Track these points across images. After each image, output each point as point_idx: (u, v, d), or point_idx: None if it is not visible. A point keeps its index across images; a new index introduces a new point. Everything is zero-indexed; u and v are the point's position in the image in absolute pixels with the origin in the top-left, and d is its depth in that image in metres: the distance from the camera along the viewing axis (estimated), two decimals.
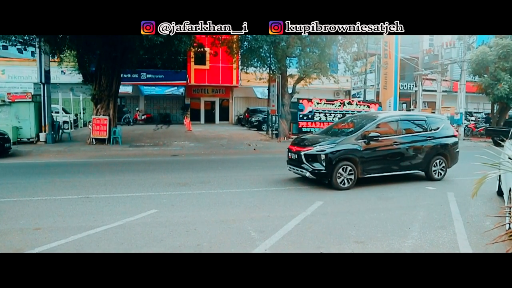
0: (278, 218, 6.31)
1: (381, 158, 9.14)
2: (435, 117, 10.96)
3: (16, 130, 17.66)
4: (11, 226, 5.74)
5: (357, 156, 8.74)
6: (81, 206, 7.08)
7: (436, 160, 9.86)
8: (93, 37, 16.17)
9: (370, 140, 8.87)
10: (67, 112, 26.58)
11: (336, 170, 8.55)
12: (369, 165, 8.93)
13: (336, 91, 33.52)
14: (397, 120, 9.64)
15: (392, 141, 9.26)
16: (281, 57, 20.19)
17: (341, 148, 8.70)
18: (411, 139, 9.54)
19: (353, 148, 8.78)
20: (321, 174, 8.66)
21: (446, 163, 10.02)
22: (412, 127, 9.82)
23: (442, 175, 9.96)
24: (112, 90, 17.98)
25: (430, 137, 9.81)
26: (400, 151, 9.34)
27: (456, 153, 10.37)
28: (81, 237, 5.35)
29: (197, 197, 7.83)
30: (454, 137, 10.48)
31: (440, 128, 10.10)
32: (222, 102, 34.52)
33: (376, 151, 9.00)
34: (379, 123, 9.33)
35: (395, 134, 9.38)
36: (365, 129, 9.02)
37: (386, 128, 9.42)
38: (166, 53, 16.92)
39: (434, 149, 9.80)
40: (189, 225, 5.92)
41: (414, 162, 9.61)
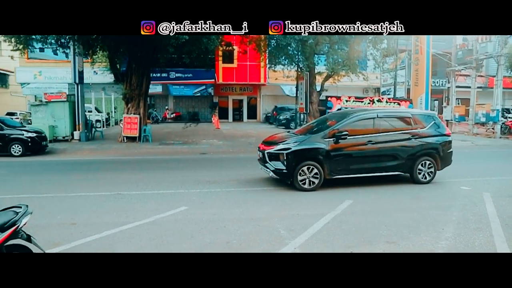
0: (307, 217, 6.27)
1: (353, 158, 8.50)
2: (423, 114, 9.76)
3: (52, 129, 18.31)
4: (49, 221, 5.95)
5: (323, 156, 8.21)
6: (114, 202, 7.27)
7: (423, 161, 8.92)
8: (123, 37, 16.56)
9: (338, 139, 8.27)
10: (99, 111, 27.36)
11: (298, 170, 8.09)
12: (338, 166, 8.35)
13: (365, 88, 32.98)
14: (374, 117, 8.76)
15: (366, 140, 8.49)
16: (309, 55, 20.05)
17: (304, 147, 8.27)
18: (390, 138, 8.70)
19: (318, 147, 8.25)
20: (283, 174, 8.32)
21: (435, 164, 9.02)
22: (393, 125, 8.90)
23: (429, 178, 8.99)
24: (142, 89, 18.36)
25: (415, 135, 8.89)
26: (376, 151, 8.55)
27: (449, 153, 9.30)
28: (114, 232, 5.49)
29: (226, 195, 7.89)
30: (446, 136, 9.34)
31: (428, 126, 9.12)
32: (250, 100, 34.62)
33: (346, 151, 8.39)
34: (352, 121, 8.63)
35: (371, 133, 8.57)
36: (333, 127, 8.46)
37: (361, 126, 8.67)
38: (195, 52, 17.11)
39: (419, 149, 8.88)
40: (218, 222, 5.97)
41: (394, 163, 8.76)
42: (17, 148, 14.34)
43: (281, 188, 8.41)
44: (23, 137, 14.48)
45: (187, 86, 31.08)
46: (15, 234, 3.32)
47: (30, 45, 18.60)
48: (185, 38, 13.74)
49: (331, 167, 8.28)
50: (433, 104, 30.60)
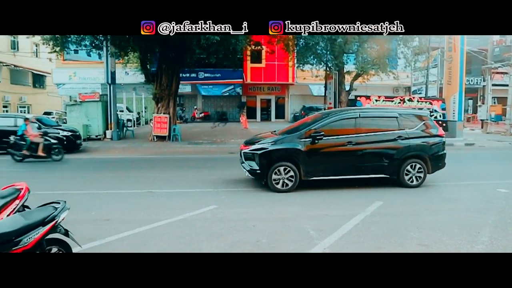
0: (336, 217, 6.21)
1: (331, 160, 8.20)
2: (412, 114, 9.14)
3: (85, 128, 18.90)
4: (84, 217, 6.14)
5: (298, 157, 8.00)
6: (145, 200, 7.44)
7: (410, 163, 8.44)
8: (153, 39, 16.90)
9: (314, 139, 8.02)
10: (130, 111, 28.03)
11: (272, 171, 7.94)
12: (314, 167, 8.12)
13: (395, 87, 32.32)
14: (356, 117, 8.40)
15: (345, 141, 8.18)
16: (338, 54, 19.82)
17: (278, 148, 8.11)
18: (373, 139, 8.31)
19: (294, 148, 8.05)
20: (257, 174, 8.21)
21: (425, 167, 8.52)
22: (377, 125, 8.48)
23: (418, 181, 8.49)
24: (172, 89, 18.68)
25: (401, 136, 8.41)
26: (356, 152, 8.21)
27: (441, 156, 8.74)
28: (145, 229, 5.62)
29: (255, 194, 7.92)
30: (438, 137, 8.78)
31: (417, 127, 8.64)
32: (278, 100, 34.58)
33: (323, 152, 8.12)
34: (331, 121, 8.34)
35: (352, 133, 8.24)
36: (310, 127, 8.24)
37: (341, 126, 8.35)
38: (223, 52, 17.26)
39: (406, 151, 8.39)
40: (247, 221, 6.00)
41: (377, 165, 8.40)
42: None
43: (310, 188, 8.35)
44: (59, 135, 15.02)
45: (216, 86, 31.36)
46: (54, 229, 3.46)
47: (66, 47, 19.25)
48: (216, 39, 13.88)
49: (307, 168, 8.06)
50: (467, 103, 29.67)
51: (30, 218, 3.34)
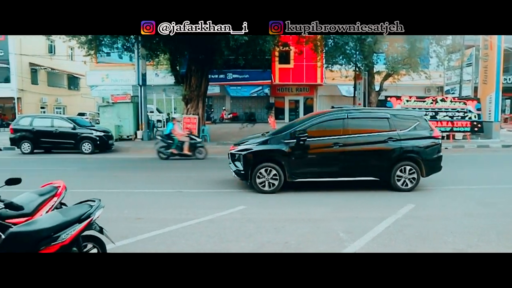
0: (367, 220, 6.10)
1: (316, 161, 8.05)
2: (405, 114, 8.76)
3: (117, 128, 19.42)
4: (117, 215, 6.30)
5: (282, 158, 7.94)
6: (175, 199, 7.56)
7: (402, 166, 8.11)
8: (182, 41, 17.16)
9: (298, 140, 7.91)
10: (160, 112, 28.59)
11: (256, 172, 7.94)
12: (299, 168, 8.03)
13: (427, 87, 31.45)
14: (344, 118, 8.18)
15: (332, 142, 7.99)
16: (367, 53, 19.53)
17: (262, 149, 8.09)
18: (361, 141, 8.08)
19: (278, 148, 8.00)
20: (241, 175, 8.19)
21: (418, 170, 8.15)
22: (366, 127, 8.25)
23: (411, 185, 8.14)
24: (201, 90, 18.90)
25: (392, 138, 8.09)
26: (343, 154, 8.01)
27: (436, 159, 8.36)
28: (176, 228, 5.70)
29: (284, 195, 7.89)
30: (432, 139, 8.37)
31: (410, 128, 8.28)
32: (306, 100, 34.36)
33: (308, 153, 8.00)
34: (317, 121, 8.23)
35: (339, 134, 8.05)
36: (295, 128, 8.14)
37: (328, 128, 8.19)
38: (251, 53, 17.33)
39: (397, 153, 8.09)
40: (276, 222, 5.99)
41: (365, 168, 8.20)
42: (87, 146, 15.39)
43: (339, 190, 8.26)
44: (92, 136, 15.52)
45: (244, 87, 31.50)
46: (89, 226, 3.57)
47: (100, 50, 19.86)
48: (244, 40, 13.95)
49: (291, 170, 7.99)
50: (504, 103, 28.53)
51: (67, 215, 3.45)
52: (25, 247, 3.13)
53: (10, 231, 3.14)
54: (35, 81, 36.86)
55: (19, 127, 15.95)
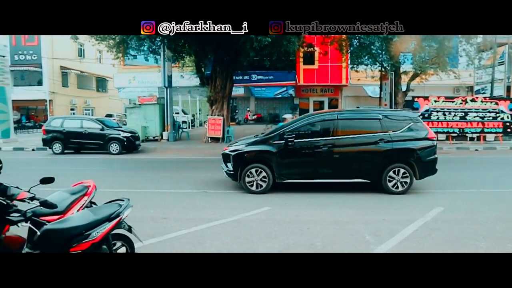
0: (394, 223, 5.99)
1: (304, 162, 8.04)
2: (398, 115, 8.46)
3: (144, 129, 19.78)
4: (143, 214, 6.41)
5: (271, 159, 7.99)
6: (201, 200, 7.64)
7: (394, 168, 7.92)
8: (207, 42, 17.34)
9: (287, 141, 7.90)
10: (185, 113, 28.95)
11: (245, 172, 8.03)
12: (288, 169, 8.04)
13: (456, 87, 30.60)
14: (333, 119, 8.11)
15: (321, 144, 7.93)
16: (394, 53, 19.19)
17: (251, 149, 8.18)
18: (351, 142, 7.98)
19: (266, 149, 8.04)
20: (232, 175, 8.28)
21: (411, 173, 7.93)
22: (357, 128, 8.10)
23: (403, 188, 7.94)
24: (225, 91, 19.03)
25: (383, 139, 7.91)
26: (332, 156, 7.90)
27: (430, 161, 8.05)
28: (201, 228, 5.76)
29: (309, 196, 7.85)
30: (427, 140, 8.08)
31: (403, 129, 8.03)
32: (331, 101, 34.07)
33: (297, 154, 7.98)
34: (306, 123, 8.25)
35: (328, 135, 7.98)
36: (284, 129, 8.16)
37: (317, 129, 8.18)
38: (275, 54, 17.32)
39: (388, 155, 7.90)
40: (302, 224, 5.97)
41: (356, 170, 8.07)
42: (115, 147, 15.74)
43: (366, 192, 8.16)
44: (120, 136, 15.87)
45: (268, 88, 31.53)
46: (119, 224, 3.65)
47: (127, 53, 20.30)
48: (267, 41, 13.97)
49: (280, 171, 8.02)
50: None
51: (98, 213, 3.54)
52: (58, 244, 3.24)
53: (45, 228, 3.25)
54: (65, 83, 38.04)
55: (51, 128, 16.48)
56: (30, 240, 3.38)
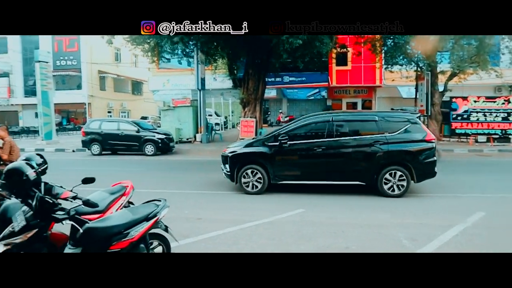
0: (432, 227, 5.81)
1: (298, 164, 8.10)
2: (395, 117, 8.26)
3: (178, 131, 20.14)
4: (178, 215, 6.51)
5: (266, 160, 8.10)
6: (234, 201, 7.71)
7: (390, 171, 7.73)
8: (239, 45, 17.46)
9: (281, 143, 7.96)
10: (218, 115, 29.27)
11: (241, 173, 8.22)
12: (282, 171, 8.13)
13: (497, 86, 29.32)
14: (328, 121, 8.06)
15: (314, 146, 7.92)
16: (430, 52, 18.61)
17: (247, 151, 8.36)
18: (345, 144, 7.87)
19: (261, 151, 8.17)
20: (229, 176, 8.45)
21: (408, 175, 7.71)
22: (352, 130, 8.01)
23: (400, 191, 7.72)
24: (258, 93, 19.08)
25: (379, 141, 7.76)
26: (326, 157, 7.88)
27: (429, 163, 7.78)
28: (235, 229, 5.79)
29: (343, 199, 7.75)
30: (424, 142, 7.82)
31: (400, 131, 7.82)
32: (364, 102, 33.48)
33: (291, 156, 8.06)
34: (301, 125, 8.29)
35: (323, 137, 7.93)
36: (279, 131, 8.27)
37: (312, 131, 8.17)
38: (308, 55, 17.21)
39: (384, 157, 7.74)
40: (336, 226, 5.89)
41: (349, 172, 7.93)
42: (150, 148, 16.12)
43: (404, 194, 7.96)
44: (155, 138, 16.23)
45: (301, 89, 31.37)
46: (156, 224, 3.73)
47: (162, 56, 20.76)
48: (298, 43, 13.92)
49: (275, 172, 8.12)
50: None
51: (136, 213, 3.64)
52: (99, 242, 3.35)
53: (86, 226, 3.37)
54: (103, 87, 39.38)
55: (90, 130, 17.07)
56: (72, 237, 3.51)
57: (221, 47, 19.02)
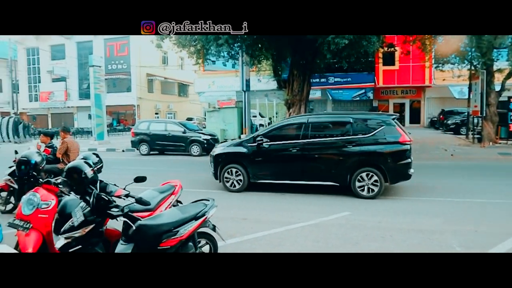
0: (488, 235, 5.49)
1: (275, 164, 8.44)
2: (370, 119, 8.18)
3: (223, 132, 20.45)
4: (224, 215, 6.58)
5: (245, 160, 8.53)
6: (280, 202, 7.70)
7: (363, 172, 7.73)
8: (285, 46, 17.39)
9: (259, 144, 8.32)
10: (262, 116, 29.38)
11: (223, 172, 8.69)
12: (260, 170, 8.51)
13: None
14: (303, 122, 8.31)
15: (290, 147, 8.19)
16: (486, 50, 17.61)
17: (228, 151, 8.84)
18: (319, 145, 8.07)
19: (241, 151, 8.61)
20: (214, 175, 8.96)
21: (381, 177, 7.64)
22: (326, 132, 8.24)
23: (373, 192, 7.70)
24: (303, 94, 18.95)
25: (352, 142, 7.82)
26: (300, 158, 8.13)
27: (403, 165, 7.72)
28: (281, 231, 5.79)
29: (391, 202, 7.52)
30: (398, 144, 7.74)
31: (374, 133, 7.80)
32: (412, 103, 32.39)
33: (269, 156, 8.37)
34: (278, 126, 8.76)
35: (298, 139, 8.18)
36: (258, 132, 8.74)
37: (288, 132, 8.52)
38: (354, 55, 16.85)
39: (357, 158, 7.80)
40: (384, 230, 5.73)
41: (322, 172, 8.08)
42: (196, 149, 16.47)
43: (452, 199, 7.61)
44: (200, 139, 16.57)
45: (346, 90, 30.84)
46: (204, 223, 3.81)
47: (207, 59, 21.14)
48: (345, 43, 13.68)
49: (253, 171, 8.50)
50: None
51: (185, 212, 3.73)
52: (150, 239, 3.47)
53: (139, 223, 3.50)
54: (151, 89, 40.77)
55: (139, 131, 17.72)
56: (125, 234, 3.66)
57: (265, 48, 19.08)
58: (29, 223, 4.07)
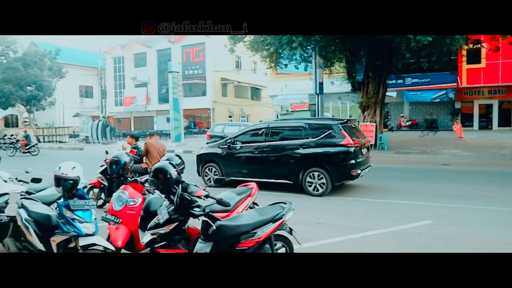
0: None
1: (241, 164, 9.53)
2: (319, 123, 9.04)
3: None
4: (298, 218, 6.47)
5: (219, 160, 9.80)
6: (355, 207, 7.52)
7: (312, 172, 8.53)
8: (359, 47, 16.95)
9: (229, 146, 9.56)
10: None
11: (203, 170, 10.04)
12: (230, 169, 9.66)
13: None
14: (265, 127, 9.41)
15: (253, 149, 9.33)
16: None
17: (207, 152, 10.22)
18: (276, 147, 9.07)
19: (216, 152, 9.93)
20: (197, 172, 10.15)
21: (327, 177, 8.36)
22: (284, 135, 9.21)
23: (321, 190, 8.45)
24: (378, 97, 18.34)
25: (303, 145, 8.68)
26: (261, 159, 9.22)
27: (345, 166, 8.39)
28: (357, 237, 5.63)
29: (478, 212, 6.95)
30: (341, 147, 8.37)
31: (321, 136, 8.58)
32: (501, 104, 29.65)
33: (235, 157, 9.57)
34: (246, 131, 9.89)
35: (260, 142, 9.24)
36: (230, 136, 9.96)
37: (254, 136, 9.56)
38: (436, 54, 15.87)
39: (305, 160, 8.62)
40: (470, 243, 5.31)
41: (279, 172, 9.05)
42: None
43: None
44: None
45: (425, 91, 29.15)
46: (281, 226, 3.83)
47: (280, 62, 21.30)
48: (428, 40, 12.97)
49: (225, 170, 9.68)
50: None
51: (263, 214, 3.78)
52: (229, 239, 3.57)
53: (219, 223, 3.62)
54: (224, 93, 42.02)
55: (214, 133, 18.39)
56: (204, 233, 3.80)
57: (339, 50, 18.76)
58: (118, 218, 4.40)
